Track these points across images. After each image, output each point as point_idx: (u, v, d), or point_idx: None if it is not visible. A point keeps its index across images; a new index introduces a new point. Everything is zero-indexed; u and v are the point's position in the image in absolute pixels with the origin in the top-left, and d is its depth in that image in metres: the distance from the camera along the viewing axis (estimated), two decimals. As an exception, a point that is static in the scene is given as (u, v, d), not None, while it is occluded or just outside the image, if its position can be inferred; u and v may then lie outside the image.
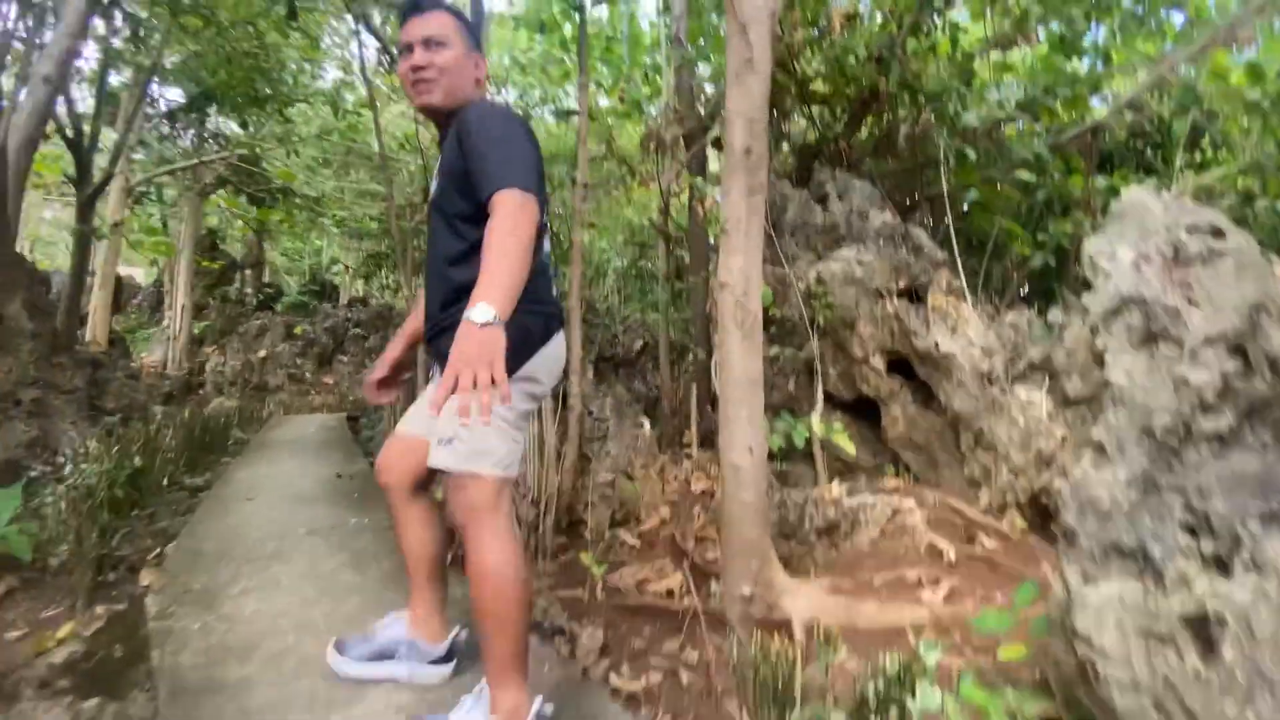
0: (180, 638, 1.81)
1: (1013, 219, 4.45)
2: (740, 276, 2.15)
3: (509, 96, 8.13)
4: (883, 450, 3.33)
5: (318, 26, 8.18)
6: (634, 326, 7.25)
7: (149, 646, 1.79)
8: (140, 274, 15.71)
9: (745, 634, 2.15)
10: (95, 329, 8.50)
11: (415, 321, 1.77)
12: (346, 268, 14.05)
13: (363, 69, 4.54)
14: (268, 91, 7.04)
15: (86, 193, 6.01)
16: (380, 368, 1.81)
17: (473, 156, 1.37)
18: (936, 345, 2.98)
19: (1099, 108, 5.38)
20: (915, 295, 3.30)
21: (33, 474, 3.11)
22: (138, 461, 3.80)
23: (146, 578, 2.91)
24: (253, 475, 4.20)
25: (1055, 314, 3.85)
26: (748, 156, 2.09)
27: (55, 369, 4.55)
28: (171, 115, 8.07)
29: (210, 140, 9.03)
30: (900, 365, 3.24)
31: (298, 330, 10.74)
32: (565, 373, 3.52)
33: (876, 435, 3.43)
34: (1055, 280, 5.01)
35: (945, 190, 3.86)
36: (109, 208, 8.17)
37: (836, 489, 2.75)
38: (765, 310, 2.36)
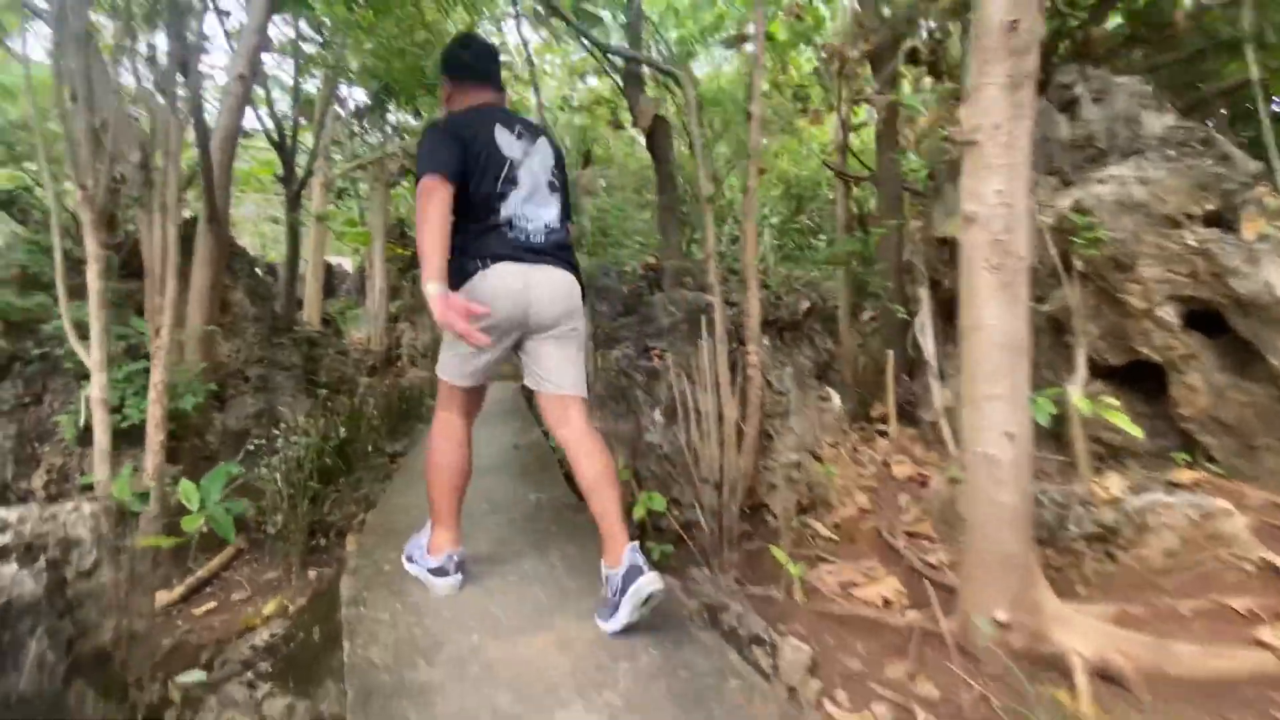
0: (370, 628, 1.76)
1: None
2: (999, 205, 1.59)
3: (671, 38, 7.68)
4: (1168, 431, 2.54)
5: (474, 10, 8.35)
6: (798, 287, 6.68)
7: (342, 633, 1.75)
8: (349, 263, 17.91)
9: (1001, 669, 1.67)
10: (310, 312, 9.68)
11: None
12: (511, 245, 14.77)
13: (525, 53, 4.40)
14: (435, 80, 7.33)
15: (293, 189, 6.71)
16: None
17: None
18: (1268, 287, 2.14)
19: None
20: (1221, 221, 2.43)
21: (250, 448, 3.41)
22: (343, 432, 4.11)
23: (352, 543, 3.08)
24: (439, 445, 4.36)
25: None
26: (1012, 33, 1.51)
27: (276, 348, 5.09)
28: (359, 114, 8.76)
29: (393, 134, 9.71)
30: (1200, 318, 2.42)
31: (473, 305, 11.47)
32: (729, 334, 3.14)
33: (1154, 411, 2.63)
34: None
35: (1257, 76, 2.82)
36: (313, 203, 9.16)
37: (1116, 484, 2.10)
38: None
